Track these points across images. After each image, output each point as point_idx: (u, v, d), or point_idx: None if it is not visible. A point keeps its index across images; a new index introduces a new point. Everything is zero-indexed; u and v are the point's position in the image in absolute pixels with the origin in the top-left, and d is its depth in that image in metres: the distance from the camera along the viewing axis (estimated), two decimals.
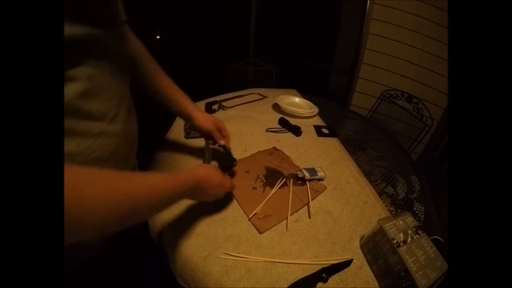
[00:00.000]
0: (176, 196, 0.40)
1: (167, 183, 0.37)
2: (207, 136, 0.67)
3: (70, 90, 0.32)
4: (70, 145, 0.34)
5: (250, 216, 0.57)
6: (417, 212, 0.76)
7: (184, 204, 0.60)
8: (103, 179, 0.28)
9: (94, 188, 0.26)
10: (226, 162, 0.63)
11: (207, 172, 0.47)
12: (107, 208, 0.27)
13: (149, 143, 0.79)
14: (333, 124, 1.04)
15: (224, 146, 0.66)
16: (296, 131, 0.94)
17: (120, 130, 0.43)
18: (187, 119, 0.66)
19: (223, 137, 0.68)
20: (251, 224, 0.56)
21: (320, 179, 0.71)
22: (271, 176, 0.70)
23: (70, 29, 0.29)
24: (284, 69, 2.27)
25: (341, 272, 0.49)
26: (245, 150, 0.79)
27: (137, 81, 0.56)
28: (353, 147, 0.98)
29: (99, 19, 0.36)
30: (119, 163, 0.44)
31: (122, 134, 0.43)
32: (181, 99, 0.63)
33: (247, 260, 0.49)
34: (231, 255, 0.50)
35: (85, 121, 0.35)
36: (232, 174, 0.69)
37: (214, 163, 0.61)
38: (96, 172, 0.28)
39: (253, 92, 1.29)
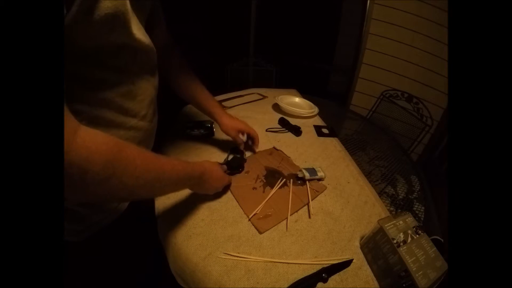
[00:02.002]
0: (186, 180, 0.45)
1: (183, 166, 0.43)
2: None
3: (116, 90, 0.39)
4: (107, 133, 0.37)
5: (250, 216, 0.57)
6: (417, 212, 0.76)
7: (184, 204, 0.60)
8: (137, 149, 0.33)
9: (131, 150, 0.32)
10: (238, 164, 0.71)
11: (211, 165, 0.53)
12: (140, 168, 0.32)
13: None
14: (333, 124, 1.04)
15: (241, 150, 0.77)
16: (296, 131, 0.94)
17: (146, 126, 0.50)
18: (217, 123, 0.75)
19: (253, 142, 0.78)
20: (251, 224, 0.56)
21: (320, 179, 0.71)
22: (271, 176, 0.70)
23: (118, 39, 0.36)
24: (284, 69, 2.26)
25: (341, 272, 0.49)
26: (245, 151, 0.79)
27: (175, 89, 0.69)
28: (353, 147, 0.98)
29: (146, 22, 0.44)
30: None
31: (147, 130, 0.50)
32: (211, 106, 0.73)
33: (247, 260, 0.49)
34: (231, 255, 0.50)
35: (123, 115, 0.42)
36: (232, 174, 0.69)
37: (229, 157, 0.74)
38: (132, 144, 0.33)
39: (253, 92, 1.29)
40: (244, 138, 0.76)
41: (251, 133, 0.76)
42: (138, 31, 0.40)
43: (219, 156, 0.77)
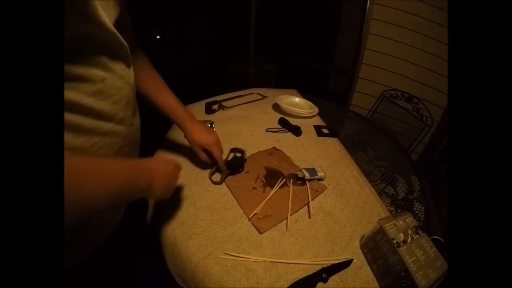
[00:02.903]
0: (124, 184, 0.36)
1: (118, 166, 0.36)
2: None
3: (83, 89, 0.34)
4: (77, 140, 0.35)
5: (250, 216, 0.57)
6: (417, 212, 0.76)
7: (184, 203, 0.60)
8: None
9: None
10: (238, 164, 0.70)
11: (157, 162, 0.47)
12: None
13: (149, 141, 0.79)
14: (333, 124, 1.04)
15: (241, 150, 0.76)
16: (296, 131, 0.94)
17: (125, 131, 0.44)
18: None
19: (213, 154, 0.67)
20: (251, 224, 0.56)
21: (320, 179, 0.71)
22: (271, 176, 0.70)
23: (84, 28, 0.31)
24: (284, 69, 2.26)
25: (341, 272, 0.49)
26: (245, 150, 0.79)
27: (140, 94, 0.59)
28: (353, 147, 0.98)
29: (114, 23, 0.38)
30: None
31: (127, 135, 0.45)
32: (175, 117, 0.64)
33: (247, 260, 0.49)
34: (231, 255, 0.50)
35: (95, 119, 0.37)
36: (232, 174, 0.69)
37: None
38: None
39: (253, 92, 1.28)
40: (207, 158, 0.67)
41: (213, 152, 0.65)
42: (107, 19, 0.35)
43: None
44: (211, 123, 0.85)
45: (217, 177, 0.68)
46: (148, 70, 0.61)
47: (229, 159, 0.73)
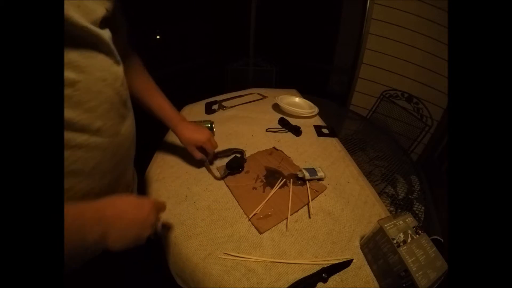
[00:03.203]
0: (75, 235, 0.29)
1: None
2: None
3: None
4: None
5: (250, 216, 0.57)
6: (417, 212, 0.76)
7: (184, 203, 0.60)
8: None
9: None
10: (238, 164, 0.70)
11: (118, 207, 0.36)
12: None
13: (148, 143, 0.79)
14: (333, 124, 1.04)
15: (241, 150, 0.76)
16: (296, 131, 0.94)
17: (106, 143, 0.38)
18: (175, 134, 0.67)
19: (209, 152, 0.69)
20: (251, 224, 0.56)
21: (320, 179, 0.71)
22: (271, 176, 0.70)
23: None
24: (284, 69, 2.27)
25: (341, 272, 0.49)
26: (245, 150, 0.79)
27: (133, 97, 0.56)
28: (353, 147, 0.98)
29: (102, 20, 0.35)
30: (104, 178, 0.41)
31: (108, 147, 0.39)
32: (168, 119, 0.64)
33: (247, 260, 0.49)
34: (231, 255, 0.50)
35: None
36: (232, 174, 0.69)
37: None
38: None
39: (253, 92, 1.28)
40: (202, 156, 0.68)
41: (207, 148, 0.67)
42: (77, 14, 0.31)
43: None
44: (211, 123, 0.85)
45: (213, 169, 0.69)
46: (140, 72, 0.60)
47: (227, 154, 0.74)
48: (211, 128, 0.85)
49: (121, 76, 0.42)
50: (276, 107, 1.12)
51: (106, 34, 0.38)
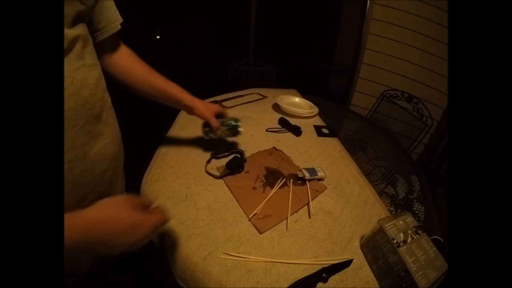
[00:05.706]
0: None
1: None
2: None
3: None
4: None
5: (250, 216, 0.57)
6: (417, 212, 0.76)
7: (184, 203, 0.60)
8: None
9: None
10: (238, 164, 0.70)
11: (108, 211, 0.31)
12: None
13: (149, 139, 0.79)
14: (333, 124, 1.04)
15: (241, 150, 0.77)
16: (296, 131, 0.94)
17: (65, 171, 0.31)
18: (188, 109, 0.68)
19: (223, 114, 0.72)
20: (251, 224, 0.56)
21: (320, 179, 0.71)
22: (271, 176, 0.70)
23: None
24: (284, 69, 2.27)
25: (341, 272, 0.49)
26: (245, 150, 0.79)
27: (132, 86, 0.58)
28: (353, 147, 0.98)
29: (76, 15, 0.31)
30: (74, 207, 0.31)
31: (66, 178, 0.31)
32: (178, 92, 0.65)
33: (247, 260, 0.49)
34: (231, 255, 0.50)
35: None
36: (232, 174, 0.69)
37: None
38: None
39: (253, 92, 1.29)
40: (219, 125, 0.69)
41: (222, 112, 0.71)
42: None
43: None
44: (236, 120, 0.73)
45: (213, 169, 0.69)
46: (137, 59, 0.59)
47: (227, 154, 0.75)
48: (235, 127, 0.73)
49: (92, 82, 0.34)
50: (276, 107, 1.12)
51: (75, 32, 0.32)
